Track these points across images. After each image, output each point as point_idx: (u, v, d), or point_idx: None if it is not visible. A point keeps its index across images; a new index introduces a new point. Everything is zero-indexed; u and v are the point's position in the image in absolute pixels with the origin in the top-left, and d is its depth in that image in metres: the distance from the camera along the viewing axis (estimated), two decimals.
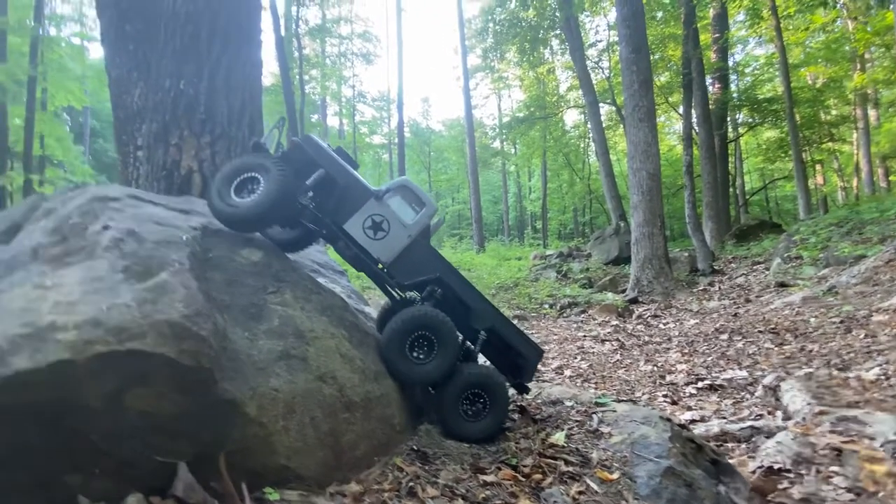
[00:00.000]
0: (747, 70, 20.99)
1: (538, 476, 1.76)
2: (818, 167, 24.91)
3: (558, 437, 2.11)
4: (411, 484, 1.55)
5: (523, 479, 1.73)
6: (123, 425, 1.06)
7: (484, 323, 2.17)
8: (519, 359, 2.28)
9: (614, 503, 1.64)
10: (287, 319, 1.61)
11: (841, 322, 5.73)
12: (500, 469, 1.80)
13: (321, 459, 1.46)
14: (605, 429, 2.19)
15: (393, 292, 2.28)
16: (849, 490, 2.19)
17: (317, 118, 31.43)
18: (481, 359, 2.41)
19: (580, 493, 1.68)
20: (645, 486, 1.73)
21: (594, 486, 1.73)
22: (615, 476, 1.80)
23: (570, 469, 1.83)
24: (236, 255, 1.81)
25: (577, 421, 2.32)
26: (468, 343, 2.21)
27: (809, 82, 21.15)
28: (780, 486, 2.19)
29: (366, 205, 2.04)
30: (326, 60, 30.29)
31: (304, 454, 1.40)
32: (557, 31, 19.43)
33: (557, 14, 17.70)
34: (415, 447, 1.88)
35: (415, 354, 1.96)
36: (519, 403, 2.52)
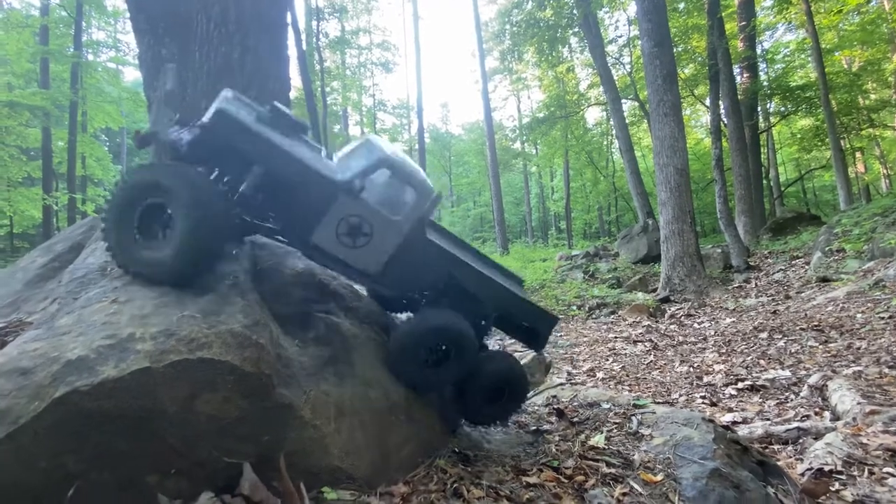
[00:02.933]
0: (777, 57, 20.22)
1: (580, 478, 1.77)
2: (858, 155, 23.67)
3: (598, 440, 2.11)
4: (456, 485, 1.59)
5: (566, 481, 1.75)
6: (195, 429, 1.15)
7: (498, 309, 1.96)
8: (532, 331, 2.14)
9: None
10: (332, 327, 1.69)
11: (890, 317, 5.45)
12: (541, 471, 1.81)
13: (370, 460, 1.52)
14: (645, 431, 2.17)
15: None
16: None
17: (339, 128, 32.11)
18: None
19: (624, 494, 1.67)
20: (691, 488, 1.71)
21: (638, 487, 1.72)
22: (659, 478, 1.79)
23: (613, 471, 1.83)
24: (282, 267, 1.91)
25: (615, 423, 2.31)
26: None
27: (845, 66, 20.19)
28: (831, 489, 2.11)
29: (334, 205, 1.49)
30: (347, 71, 30.95)
31: (354, 455, 1.46)
32: (576, 29, 19.24)
33: (575, 12, 17.54)
34: (456, 449, 1.92)
35: (429, 365, 1.77)
36: (556, 406, 2.53)
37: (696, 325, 7.90)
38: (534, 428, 2.33)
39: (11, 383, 1.01)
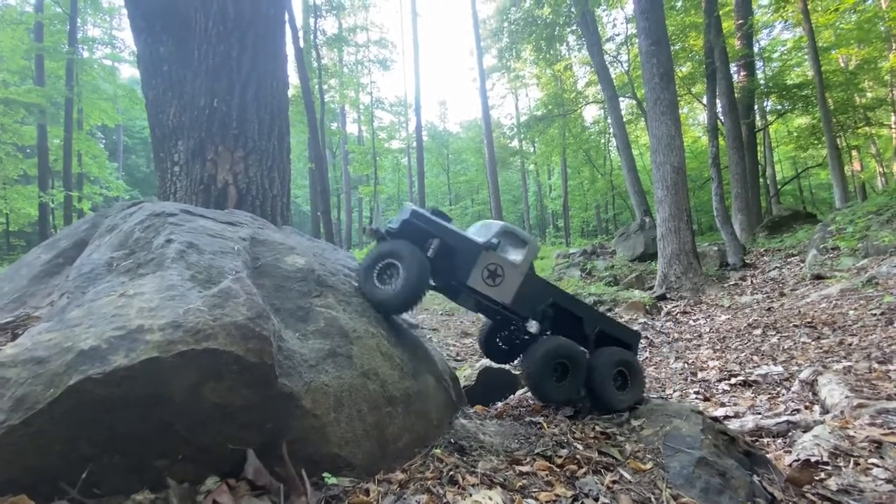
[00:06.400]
0: (774, 55, 20.31)
1: (572, 466, 1.83)
2: (854, 153, 23.80)
3: (590, 432, 2.17)
4: (452, 473, 1.64)
5: (558, 470, 1.80)
6: (201, 416, 1.20)
7: (594, 328, 2.52)
8: (627, 345, 2.61)
9: (648, 491, 1.69)
10: (332, 321, 1.74)
11: (882, 314, 5.53)
12: (534, 461, 1.87)
13: (368, 450, 1.57)
14: (636, 422, 2.24)
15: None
16: (888, 481, 2.17)
17: (336, 126, 32.05)
18: None
19: (614, 482, 1.73)
20: (678, 476, 1.78)
21: (627, 475, 1.78)
22: (648, 466, 1.85)
23: (604, 460, 1.89)
24: (281, 263, 1.95)
25: (607, 415, 2.37)
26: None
27: (842, 65, 20.29)
28: (816, 478, 2.18)
29: (479, 258, 2.22)
30: (344, 69, 30.86)
31: (353, 444, 1.51)
32: (574, 27, 19.27)
33: (573, 10, 17.56)
34: (452, 440, 1.98)
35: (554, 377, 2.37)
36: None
37: (691, 322, 7.99)
38: (528, 420, 2.39)
39: (28, 371, 1.06)
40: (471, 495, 1.45)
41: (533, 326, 2.36)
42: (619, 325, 2.66)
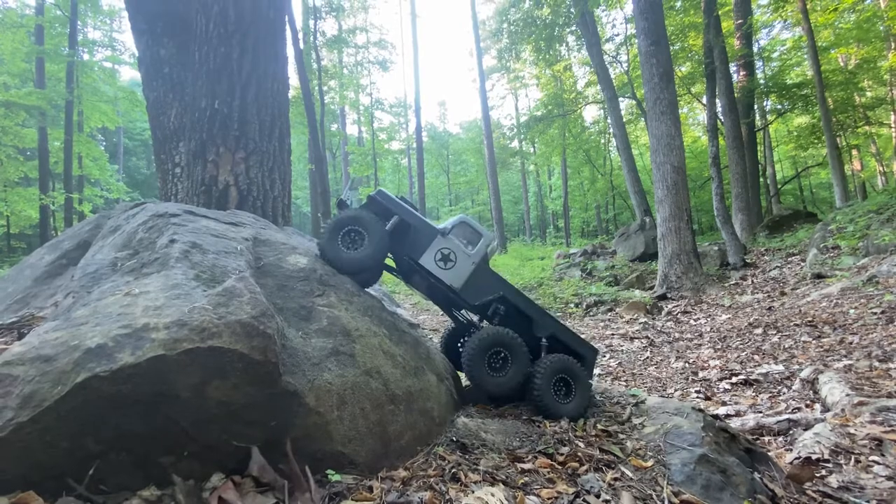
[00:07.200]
0: (773, 55, 20.33)
1: (574, 464, 1.83)
2: (854, 152, 23.81)
3: (592, 430, 2.18)
4: (454, 470, 1.65)
5: (559, 467, 1.81)
6: (207, 413, 1.21)
7: (545, 331, 2.49)
8: (579, 359, 2.52)
9: (649, 488, 1.70)
10: (334, 320, 1.75)
11: (882, 312, 5.54)
12: (536, 458, 1.88)
13: (371, 447, 1.58)
14: (637, 420, 2.24)
15: (458, 317, 2.68)
16: (889, 478, 2.17)
17: (336, 127, 32.09)
18: None
19: (615, 479, 1.74)
20: (679, 473, 1.78)
21: (629, 473, 1.79)
22: (649, 464, 1.86)
23: (605, 457, 1.90)
24: (284, 263, 1.97)
25: (609, 413, 2.38)
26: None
27: (841, 64, 20.30)
28: (817, 475, 2.19)
29: (434, 241, 2.39)
30: (344, 70, 30.91)
31: (356, 442, 1.52)
32: (573, 28, 19.28)
33: (572, 10, 17.58)
34: (454, 438, 1.99)
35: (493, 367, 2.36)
36: None
37: (692, 321, 8.00)
38: (525, 418, 2.39)
39: (35, 369, 1.07)
40: (473, 492, 1.46)
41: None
42: (574, 336, 2.60)
